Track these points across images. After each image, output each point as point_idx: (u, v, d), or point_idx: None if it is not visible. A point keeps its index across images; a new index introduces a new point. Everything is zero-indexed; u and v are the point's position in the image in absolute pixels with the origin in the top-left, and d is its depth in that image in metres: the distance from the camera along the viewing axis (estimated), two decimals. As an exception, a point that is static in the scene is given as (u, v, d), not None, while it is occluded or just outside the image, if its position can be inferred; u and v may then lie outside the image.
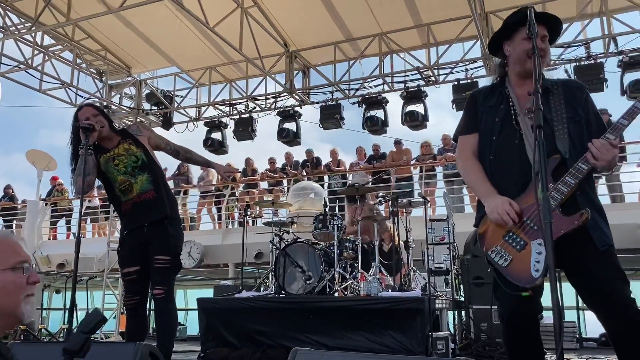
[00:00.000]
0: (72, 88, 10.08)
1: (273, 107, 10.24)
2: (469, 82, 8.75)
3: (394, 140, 9.91)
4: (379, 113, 9.37)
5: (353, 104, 9.65)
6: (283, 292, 5.25)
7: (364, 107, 9.46)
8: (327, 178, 10.62)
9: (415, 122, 9.06)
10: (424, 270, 5.53)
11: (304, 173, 10.50)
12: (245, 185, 11.20)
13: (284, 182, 10.96)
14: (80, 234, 3.27)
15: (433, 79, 9.20)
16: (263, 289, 6.09)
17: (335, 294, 5.04)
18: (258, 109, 10.35)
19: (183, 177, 11.46)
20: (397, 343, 4.39)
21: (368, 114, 9.35)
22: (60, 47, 9.86)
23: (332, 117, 9.57)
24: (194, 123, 10.86)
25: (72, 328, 3.01)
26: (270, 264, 5.93)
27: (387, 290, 5.02)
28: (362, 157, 10.49)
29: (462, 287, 6.00)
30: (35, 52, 9.41)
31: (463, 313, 5.76)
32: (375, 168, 9.90)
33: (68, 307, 3.19)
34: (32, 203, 12.04)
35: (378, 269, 5.39)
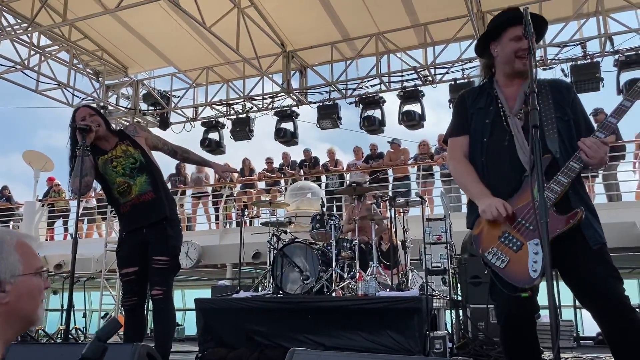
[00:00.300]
0: (68, 88, 10.04)
1: (270, 107, 10.21)
2: (466, 81, 8.75)
3: (388, 140, 9.95)
4: (376, 113, 9.37)
5: (350, 104, 9.65)
6: (281, 292, 5.25)
7: (361, 106, 9.45)
8: (324, 178, 10.62)
9: (412, 121, 9.07)
10: (422, 270, 5.55)
11: (302, 173, 10.51)
12: (243, 186, 11.20)
13: (282, 182, 10.97)
14: (78, 235, 3.26)
15: (430, 79, 9.20)
16: (261, 289, 6.08)
17: (333, 294, 5.05)
18: (255, 109, 10.33)
19: (180, 177, 11.46)
20: (394, 343, 4.40)
21: (365, 114, 9.35)
22: (57, 47, 9.82)
23: (329, 116, 9.56)
24: (191, 123, 10.83)
25: (69, 329, 3.01)
26: (268, 264, 5.93)
27: (384, 290, 5.03)
28: (359, 156, 10.51)
29: (459, 286, 6.01)
30: (32, 52, 9.37)
31: (460, 312, 5.77)
32: (373, 168, 9.92)
33: (65, 308, 3.19)
34: (29, 204, 12.02)
35: (376, 269, 5.40)
